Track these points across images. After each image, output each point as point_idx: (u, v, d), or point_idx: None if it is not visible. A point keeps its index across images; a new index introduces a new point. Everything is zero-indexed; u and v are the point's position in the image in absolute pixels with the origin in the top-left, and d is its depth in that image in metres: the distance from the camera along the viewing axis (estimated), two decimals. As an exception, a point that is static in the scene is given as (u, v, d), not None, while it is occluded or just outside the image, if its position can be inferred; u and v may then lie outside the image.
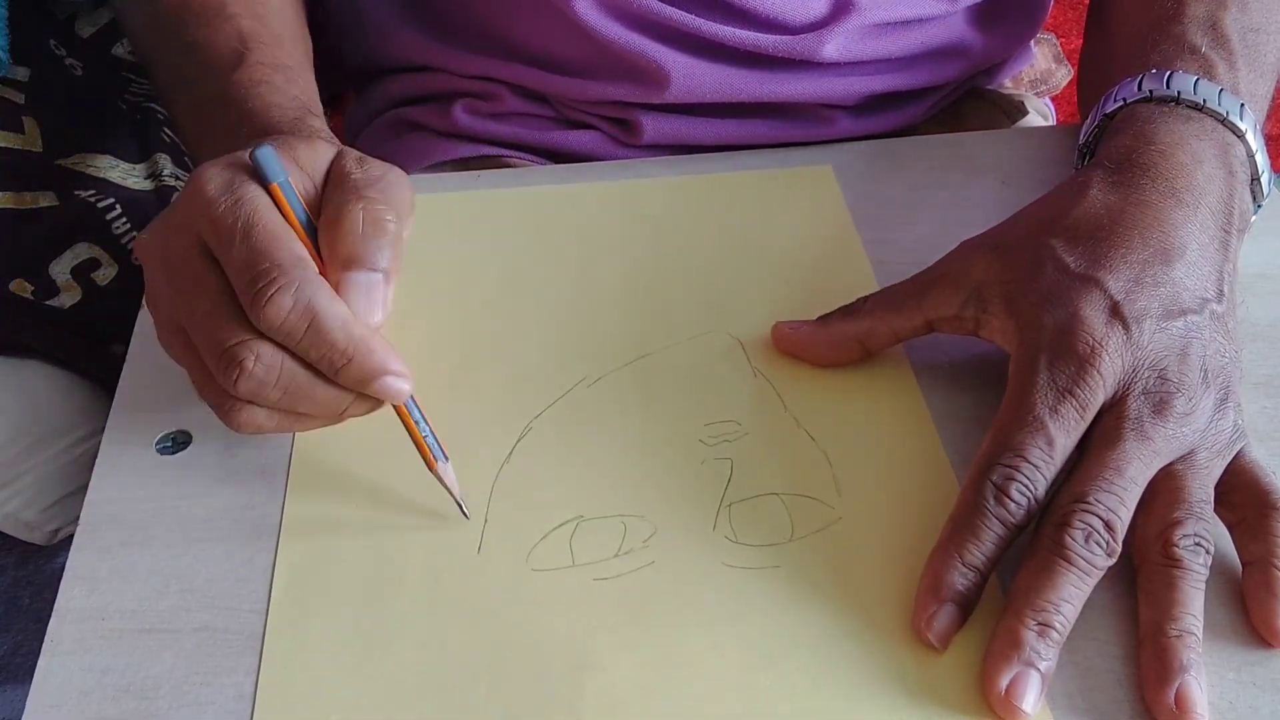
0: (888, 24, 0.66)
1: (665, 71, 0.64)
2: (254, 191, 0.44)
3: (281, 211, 0.45)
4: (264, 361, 0.42)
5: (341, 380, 0.44)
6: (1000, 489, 0.43)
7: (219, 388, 0.44)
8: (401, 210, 0.46)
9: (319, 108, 0.57)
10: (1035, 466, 0.43)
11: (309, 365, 0.44)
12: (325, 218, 0.46)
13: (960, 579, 0.42)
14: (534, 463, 0.49)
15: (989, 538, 0.43)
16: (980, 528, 0.43)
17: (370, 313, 0.45)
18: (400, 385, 0.45)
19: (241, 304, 0.43)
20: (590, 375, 0.53)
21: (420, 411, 0.47)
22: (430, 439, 0.47)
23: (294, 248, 0.44)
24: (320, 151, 0.48)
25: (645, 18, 0.64)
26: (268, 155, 0.45)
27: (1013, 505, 0.43)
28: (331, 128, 0.59)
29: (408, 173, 0.68)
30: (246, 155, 0.45)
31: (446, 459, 0.47)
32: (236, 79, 0.55)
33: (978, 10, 0.70)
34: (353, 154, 0.48)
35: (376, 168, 0.47)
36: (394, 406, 0.46)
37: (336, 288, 0.44)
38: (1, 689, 1.07)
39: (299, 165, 0.47)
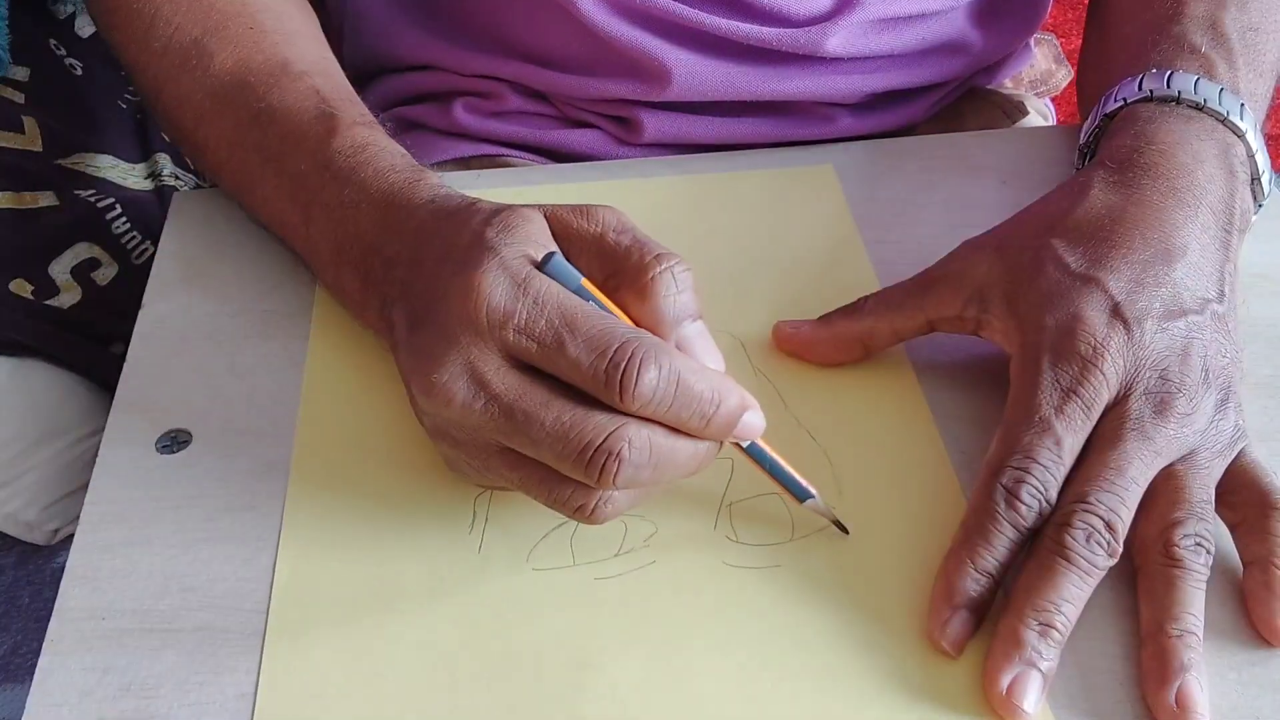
0: (891, 19, 0.66)
1: (667, 68, 0.64)
2: (544, 285, 0.42)
3: (599, 302, 0.43)
4: (636, 445, 0.40)
5: (711, 428, 0.42)
6: (1011, 492, 0.43)
7: (576, 489, 0.42)
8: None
9: (412, 157, 0.53)
10: (1045, 467, 0.43)
11: (670, 431, 0.42)
12: (624, 286, 0.43)
13: (973, 584, 0.42)
14: (535, 462, 0.49)
15: (1001, 542, 0.43)
16: (992, 532, 0.43)
17: (717, 359, 0.44)
18: (757, 421, 0.43)
19: (596, 395, 0.41)
20: (591, 375, 0.53)
21: (772, 454, 0.45)
22: (789, 478, 0.45)
23: (623, 322, 0.42)
24: (533, 221, 0.44)
25: (648, 13, 0.64)
26: (560, 261, 0.43)
27: (1024, 508, 0.43)
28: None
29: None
30: (502, 251, 0.42)
31: (814, 495, 0.46)
32: (337, 148, 0.52)
33: (979, 7, 0.70)
34: (564, 210, 0.45)
35: (605, 214, 0.45)
36: (745, 453, 0.45)
37: (678, 344, 0.43)
38: (1, 689, 1.07)
39: (533, 240, 0.44)
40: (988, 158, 0.64)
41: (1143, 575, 0.43)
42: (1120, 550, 0.42)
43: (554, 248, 0.44)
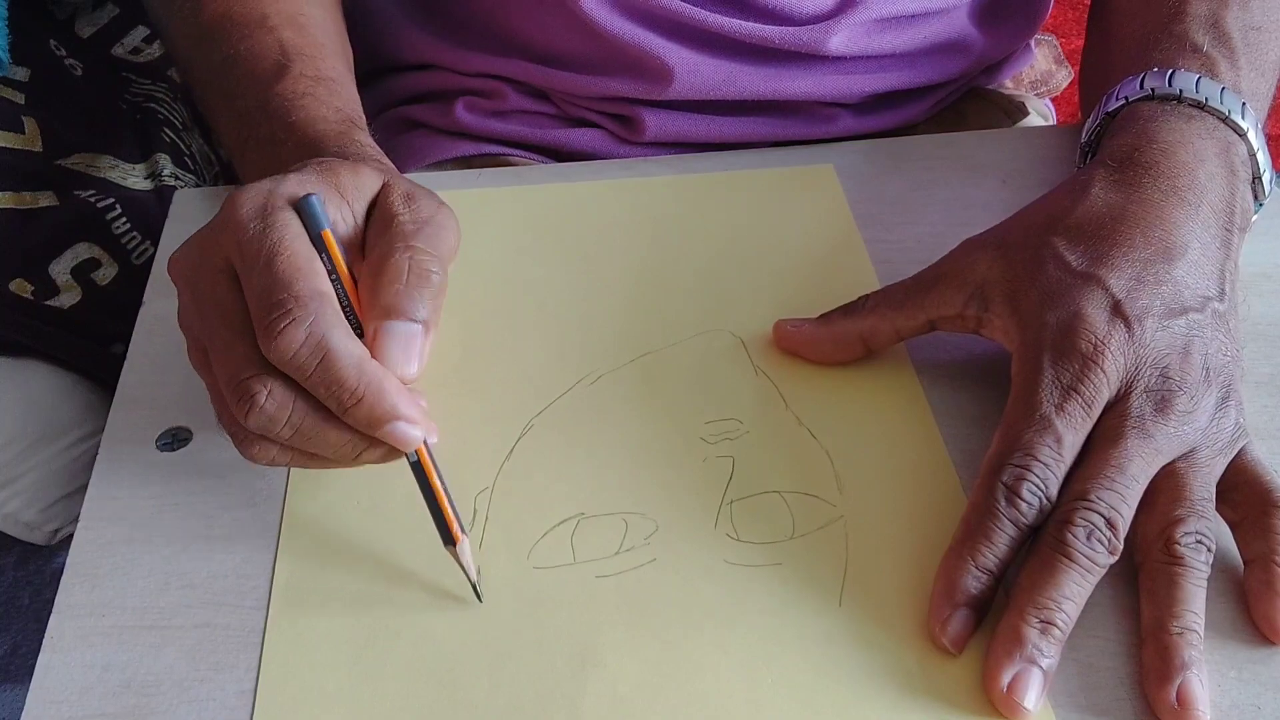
0: (892, 18, 0.66)
1: (669, 67, 0.64)
2: (285, 219, 0.43)
3: (330, 258, 0.43)
4: (275, 398, 0.41)
5: (349, 421, 0.42)
6: (1011, 489, 0.43)
7: (233, 416, 0.43)
8: (446, 258, 0.45)
9: (363, 120, 0.56)
10: (1045, 465, 0.43)
11: (322, 406, 0.42)
12: (369, 263, 0.44)
13: (974, 582, 0.42)
14: (535, 460, 0.49)
15: (1001, 539, 0.43)
16: (993, 529, 0.43)
17: (406, 364, 0.43)
18: (410, 432, 0.42)
19: (256, 333, 0.41)
20: (592, 373, 0.53)
21: (442, 480, 0.44)
22: (439, 514, 0.44)
23: (316, 282, 0.42)
24: (365, 180, 0.46)
25: (650, 11, 0.64)
26: (316, 203, 0.43)
27: (1024, 505, 0.43)
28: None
29: (409, 171, 0.69)
30: (285, 182, 0.44)
31: (465, 534, 0.44)
32: (279, 90, 0.55)
33: (980, 6, 0.70)
34: (400, 188, 0.46)
35: (425, 207, 0.46)
36: (411, 467, 0.44)
37: (373, 336, 0.43)
38: (1, 689, 1.07)
39: (341, 194, 0.45)
40: (988, 158, 0.64)
41: (1144, 573, 0.43)
42: (1121, 548, 0.42)
43: (348, 208, 0.45)
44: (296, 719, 0.41)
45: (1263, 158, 0.53)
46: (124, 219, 0.87)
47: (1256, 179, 0.53)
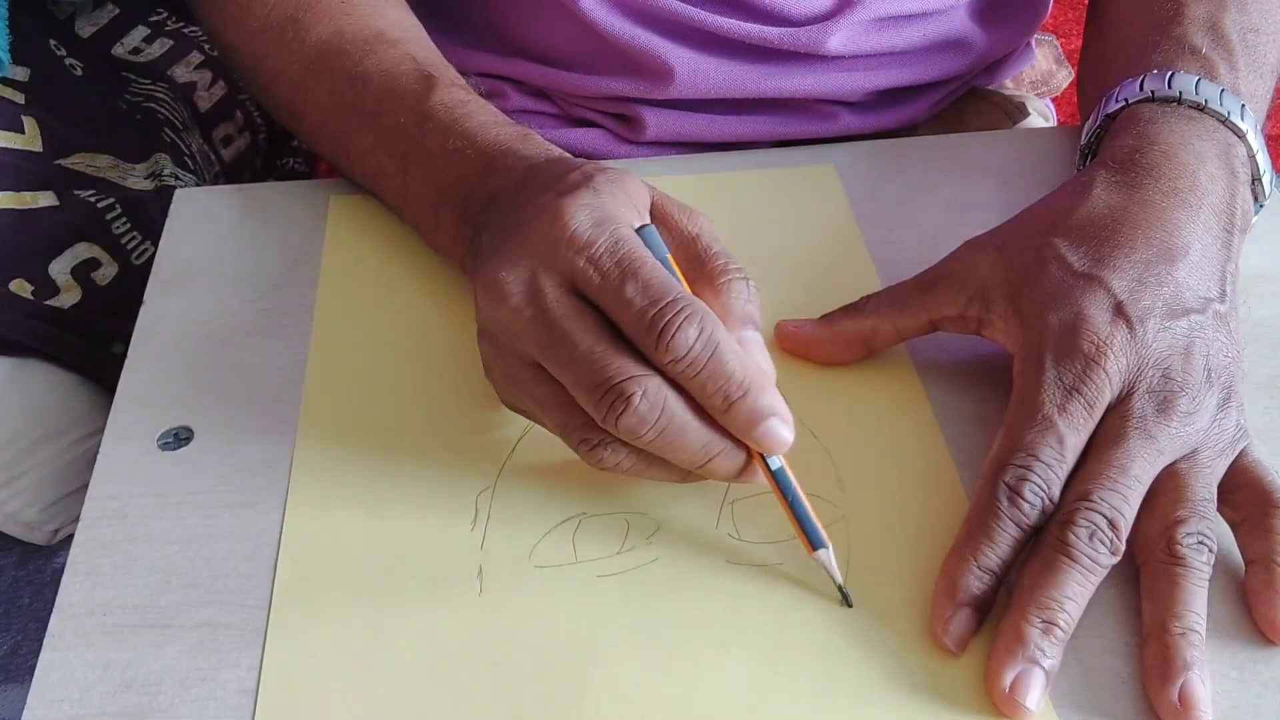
0: (891, 18, 0.66)
1: (669, 66, 0.64)
2: (629, 233, 0.44)
3: (679, 279, 0.45)
4: (649, 398, 0.41)
5: (731, 415, 0.42)
6: (1014, 490, 0.43)
7: (585, 422, 0.43)
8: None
9: None
10: (1048, 465, 0.43)
11: (691, 407, 0.42)
12: (701, 281, 0.46)
13: (976, 582, 0.42)
14: (537, 459, 0.49)
15: (1004, 540, 0.43)
16: (995, 530, 0.43)
17: (771, 367, 0.45)
18: (783, 432, 0.43)
19: (635, 339, 0.42)
20: (593, 373, 0.53)
21: (796, 488, 0.44)
22: (808, 519, 0.44)
23: (684, 287, 0.44)
24: (640, 191, 0.47)
25: (650, 12, 0.64)
26: (654, 233, 0.45)
27: (1026, 505, 0.43)
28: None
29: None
30: (600, 197, 0.45)
31: (827, 545, 0.44)
32: (438, 102, 0.54)
33: (980, 5, 0.70)
34: (671, 200, 0.48)
35: (704, 221, 0.47)
36: (769, 475, 0.44)
37: (738, 344, 0.44)
38: (2, 689, 1.06)
39: (633, 201, 0.46)
40: (988, 158, 0.65)
41: (1145, 573, 0.43)
42: (1123, 548, 0.42)
43: (648, 219, 0.46)
44: (298, 718, 0.41)
45: (1262, 159, 0.53)
46: (124, 219, 0.87)
47: (1256, 180, 0.53)
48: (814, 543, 0.44)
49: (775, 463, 0.44)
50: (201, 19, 0.68)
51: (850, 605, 0.44)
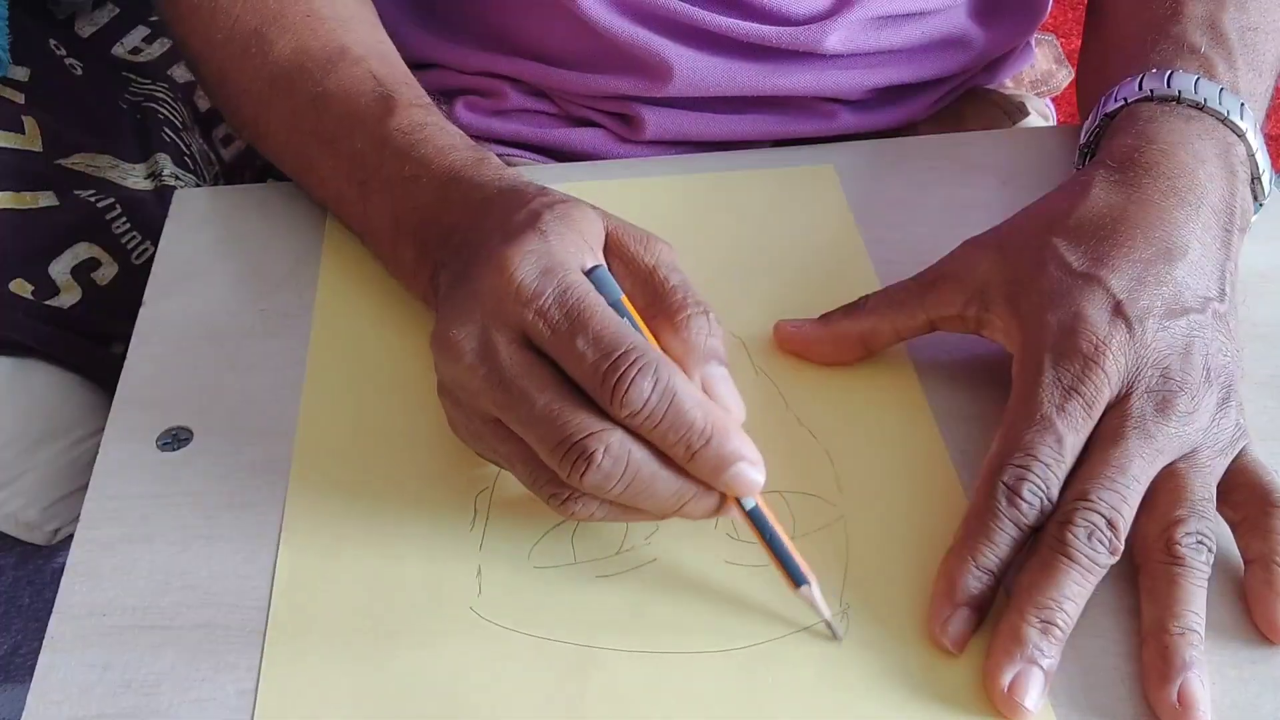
0: (890, 16, 0.66)
1: (668, 64, 0.64)
2: (577, 279, 0.43)
3: (634, 320, 0.44)
4: (612, 454, 0.40)
5: (696, 464, 0.41)
6: (1012, 489, 0.43)
7: (552, 478, 0.42)
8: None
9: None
10: (1046, 465, 0.43)
11: (656, 456, 0.41)
12: (660, 316, 0.44)
13: (974, 582, 0.42)
14: (536, 460, 0.49)
15: (1002, 540, 0.43)
16: (993, 530, 0.43)
17: (739, 405, 0.44)
18: (751, 475, 0.42)
19: (590, 393, 0.41)
20: (592, 373, 0.53)
21: (773, 525, 0.43)
22: (788, 556, 0.43)
23: (638, 334, 0.42)
24: (593, 224, 0.46)
25: (649, 11, 0.64)
26: (605, 274, 0.44)
27: (1025, 505, 0.43)
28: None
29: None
30: (545, 241, 0.44)
31: (809, 582, 0.43)
32: (395, 126, 0.53)
33: (979, 3, 0.70)
34: (623, 228, 0.47)
35: (662, 250, 0.46)
36: (745, 516, 0.43)
37: (700, 383, 0.43)
38: (1, 689, 1.07)
39: (587, 241, 0.45)
40: (988, 158, 0.64)
41: (1144, 573, 0.43)
42: (1122, 548, 0.42)
43: (600, 257, 0.45)
44: (297, 719, 0.41)
45: (1262, 158, 0.53)
46: (124, 219, 0.87)
47: (1256, 179, 0.53)
48: (796, 579, 0.43)
49: (750, 502, 0.43)
50: (168, 26, 0.66)
51: (839, 639, 0.43)
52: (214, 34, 0.61)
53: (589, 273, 0.44)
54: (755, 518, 0.43)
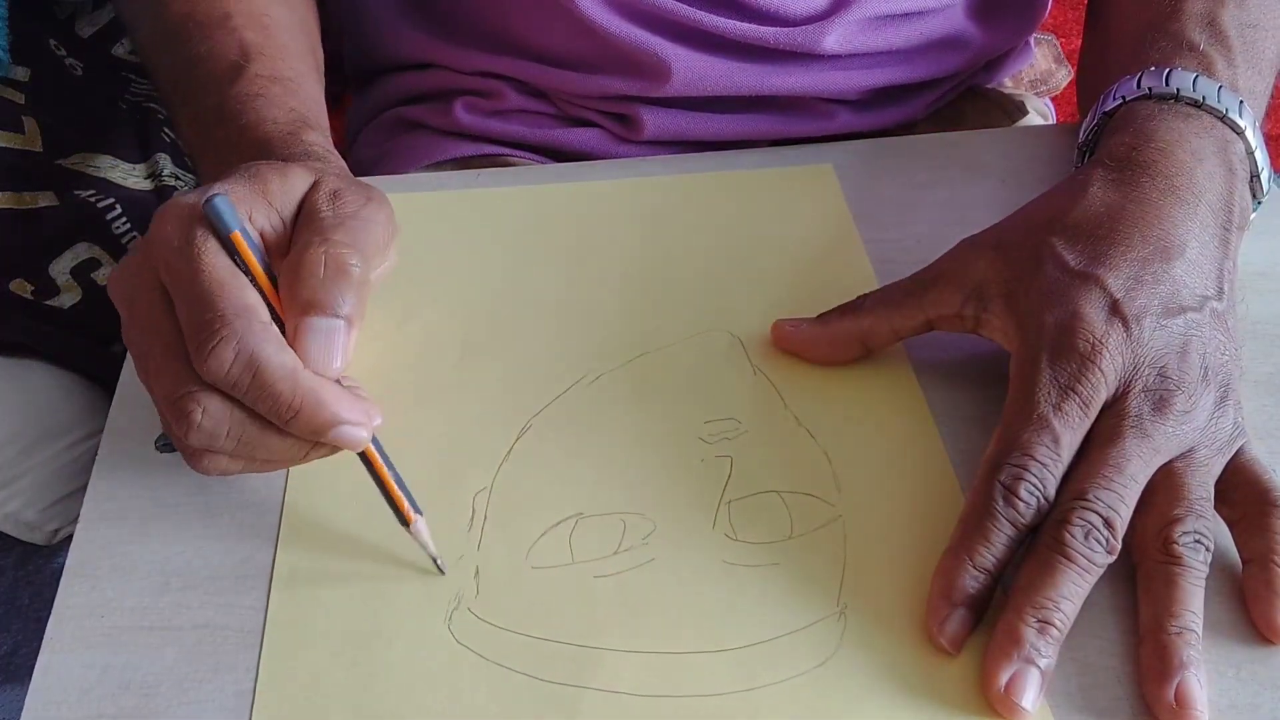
0: (887, 16, 0.66)
1: (667, 65, 0.64)
2: (203, 232, 0.42)
3: (243, 260, 0.42)
4: (212, 415, 0.41)
5: (293, 432, 0.42)
6: (1009, 489, 0.43)
7: (178, 436, 0.43)
8: (369, 252, 0.44)
9: (320, 119, 0.56)
10: (1043, 465, 0.43)
11: (258, 418, 0.42)
12: (287, 261, 0.43)
13: (971, 582, 0.42)
14: (533, 460, 0.49)
15: (999, 539, 0.43)
16: (990, 530, 0.43)
17: (328, 361, 0.42)
18: (356, 433, 0.42)
19: (190, 354, 0.41)
20: (590, 373, 0.53)
21: (390, 465, 0.44)
22: (403, 491, 0.45)
23: (241, 296, 0.41)
24: (293, 181, 0.46)
25: (647, 11, 0.64)
26: (222, 205, 0.42)
27: (1022, 505, 0.43)
28: (332, 127, 0.59)
29: (408, 172, 0.69)
30: (208, 192, 0.43)
31: (420, 513, 0.45)
32: (234, 93, 0.54)
33: (977, 3, 0.70)
34: (329, 185, 0.46)
35: (350, 203, 0.45)
36: (360, 455, 0.44)
37: (293, 333, 0.42)
38: (1, 689, 1.07)
39: (268, 199, 0.45)
40: (988, 157, 0.64)
41: (1142, 572, 0.43)
42: (1119, 547, 0.42)
43: (273, 210, 0.44)
44: (296, 719, 0.41)
45: (1260, 156, 0.53)
46: (124, 219, 0.87)
47: (1254, 177, 0.53)
48: (399, 518, 0.45)
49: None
50: None
51: (444, 573, 0.45)
52: None
53: (203, 207, 0.42)
54: (365, 460, 0.44)
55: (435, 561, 0.45)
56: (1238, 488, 0.45)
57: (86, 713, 0.42)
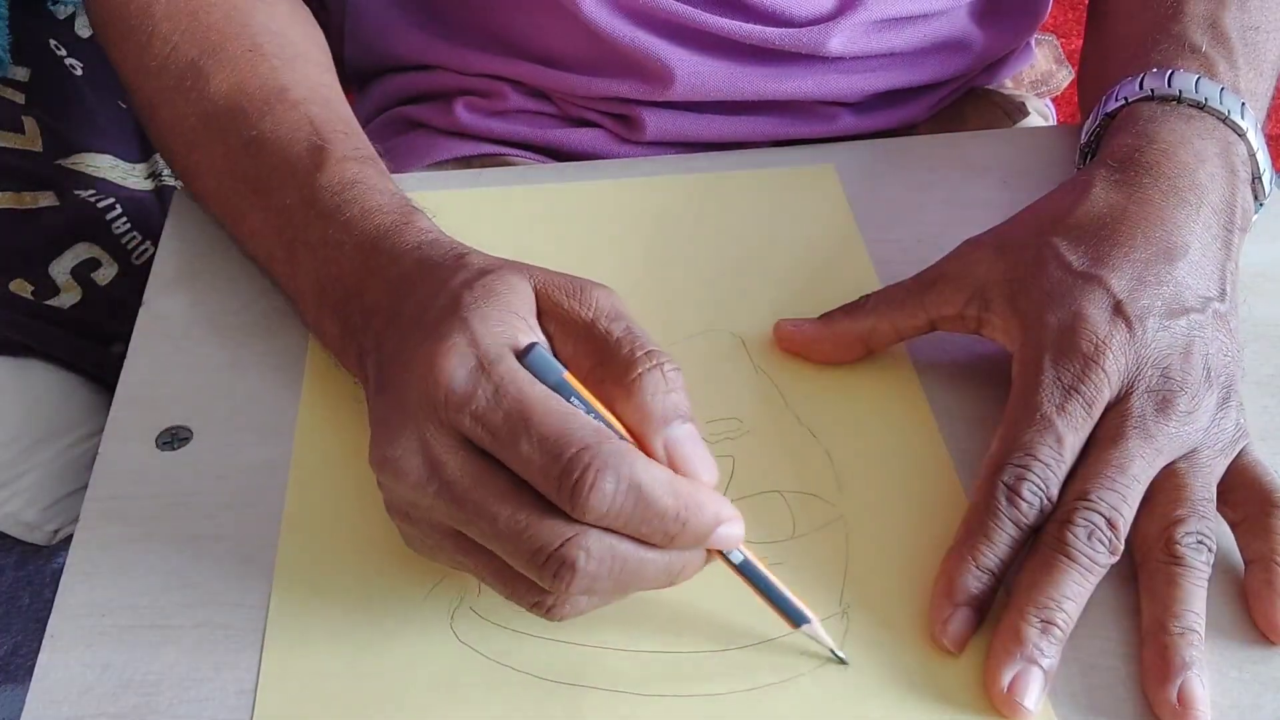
0: (892, 19, 0.66)
1: (669, 69, 0.64)
2: (509, 370, 0.39)
3: (581, 397, 0.40)
4: (595, 556, 0.37)
5: (677, 545, 0.39)
6: (1012, 489, 0.43)
7: (532, 586, 0.39)
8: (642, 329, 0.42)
9: (406, 196, 0.51)
10: (1046, 465, 0.43)
11: (636, 542, 0.38)
12: (610, 380, 0.40)
13: (974, 582, 0.42)
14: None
15: (1002, 539, 0.43)
16: (993, 529, 0.43)
17: (706, 466, 0.40)
18: (733, 532, 0.39)
19: (550, 498, 0.38)
20: (592, 373, 0.53)
21: (763, 571, 0.41)
22: (784, 599, 0.42)
23: (589, 423, 0.38)
24: (522, 290, 0.42)
25: (650, 14, 0.64)
26: (543, 354, 0.40)
27: (1025, 505, 0.43)
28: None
29: (408, 171, 0.69)
30: (469, 329, 0.39)
31: (810, 619, 0.42)
32: (324, 183, 0.50)
33: (980, 5, 0.70)
34: (556, 284, 0.43)
35: (599, 297, 0.42)
36: (735, 569, 0.41)
37: (664, 448, 0.39)
38: (1, 689, 1.07)
39: (513, 313, 0.41)
40: (988, 158, 0.64)
41: (1144, 573, 0.43)
42: (1121, 548, 0.42)
43: (535, 329, 0.42)
44: (296, 718, 0.41)
45: (1262, 157, 0.53)
46: (124, 219, 0.87)
47: (1256, 179, 0.53)
48: (796, 620, 0.42)
49: (737, 555, 0.41)
50: (102, 46, 0.62)
51: (847, 664, 0.42)
52: (148, 61, 0.57)
53: (524, 354, 0.40)
54: (745, 570, 0.41)
55: (835, 654, 0.42)
56: (1239, 489, 0.45)
57: (87, 712, 0.42)
